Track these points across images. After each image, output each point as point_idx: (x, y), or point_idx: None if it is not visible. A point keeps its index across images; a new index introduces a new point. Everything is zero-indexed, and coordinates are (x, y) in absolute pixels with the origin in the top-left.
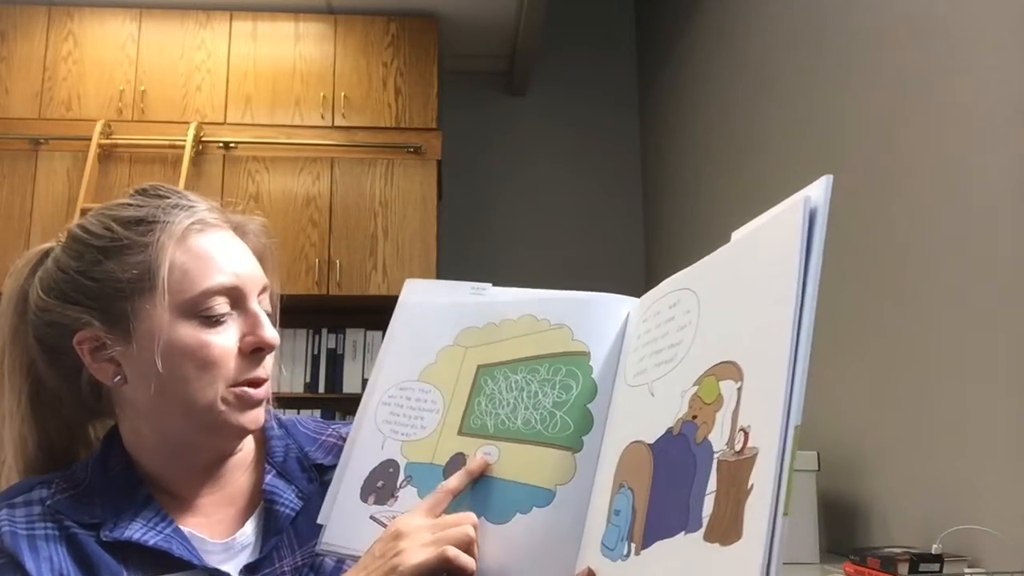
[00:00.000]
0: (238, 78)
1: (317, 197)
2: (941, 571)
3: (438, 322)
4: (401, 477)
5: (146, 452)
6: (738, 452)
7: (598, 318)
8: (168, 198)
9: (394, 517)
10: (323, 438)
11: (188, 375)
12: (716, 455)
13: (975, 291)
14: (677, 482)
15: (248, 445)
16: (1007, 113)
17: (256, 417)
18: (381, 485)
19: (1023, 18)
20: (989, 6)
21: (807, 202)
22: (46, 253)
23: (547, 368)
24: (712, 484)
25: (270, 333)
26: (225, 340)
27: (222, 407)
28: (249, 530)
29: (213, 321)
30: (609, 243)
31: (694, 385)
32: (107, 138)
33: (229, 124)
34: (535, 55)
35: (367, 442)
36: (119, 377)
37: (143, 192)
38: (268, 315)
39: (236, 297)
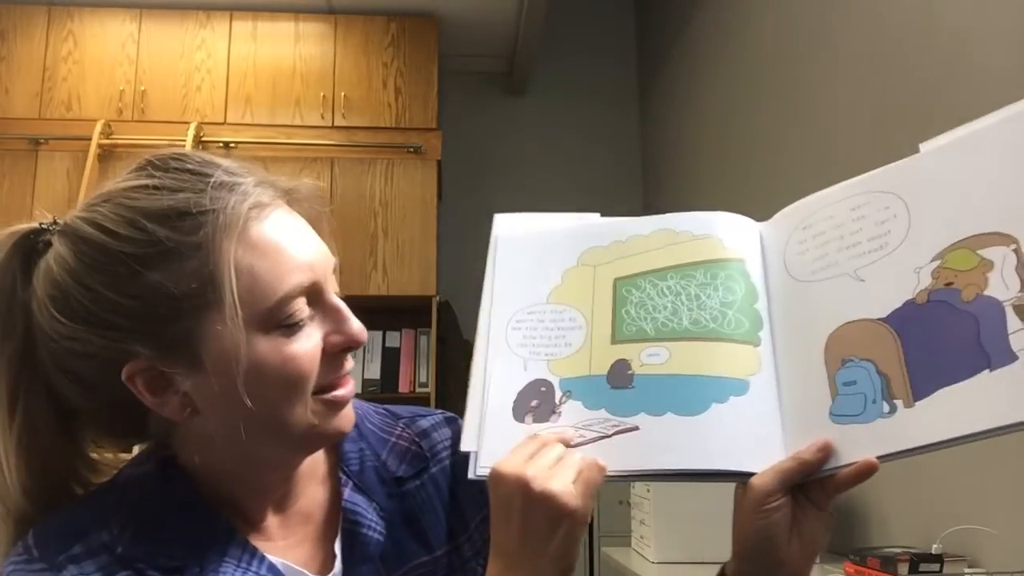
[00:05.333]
0: (238, 78)
1: None
2: (941, 571)
3: (554, 246)
4: (559, 393)
5: (215, 477)
6: None
7: (740, 230)
8: (206, 174)
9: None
10: (393, 440)
11: (276, 395)
12: (1008, 302)
13: None
14: (952, 336)
15: None
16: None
17: (349, 415)
18: (536, 404)
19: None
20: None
21: None
22: (34, 247)
23: (703, 273)
24: (1015, 324)
25: (357, 326)
26: (310, 346)
27: (314, 420)
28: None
29: (295, 328)
30: None
31: (933, 261)
32: (107, 138)
33: (229, 124)
34: (535, 55)
35: (505, 367)
36: (189, 409)
37: (163, 167)
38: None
39: (314, 293)
